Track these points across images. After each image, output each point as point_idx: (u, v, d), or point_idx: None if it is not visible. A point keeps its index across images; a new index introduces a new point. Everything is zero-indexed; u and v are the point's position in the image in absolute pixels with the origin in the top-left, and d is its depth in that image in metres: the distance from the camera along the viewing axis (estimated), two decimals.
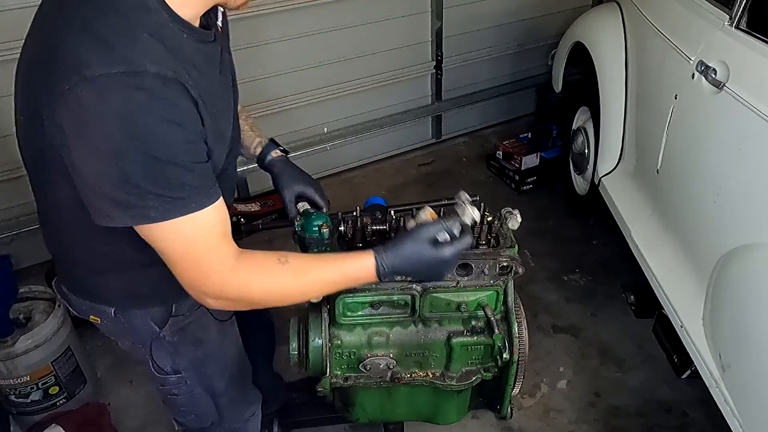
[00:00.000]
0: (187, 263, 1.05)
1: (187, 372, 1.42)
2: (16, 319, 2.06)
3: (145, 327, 1.33)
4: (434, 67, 3.66)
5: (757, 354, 1.57)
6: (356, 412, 1.77)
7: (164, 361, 1.39)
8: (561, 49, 3.26)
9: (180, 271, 1.06)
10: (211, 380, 1.49)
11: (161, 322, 1.33)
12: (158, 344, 1.36)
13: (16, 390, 2.03)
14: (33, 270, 2.52)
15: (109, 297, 1.30)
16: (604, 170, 2.65)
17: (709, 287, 1.80)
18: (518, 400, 2.20)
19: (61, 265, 1.34)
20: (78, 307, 1.37)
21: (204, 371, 1.46)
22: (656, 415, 2.18)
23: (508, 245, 1.53)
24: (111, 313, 1.31)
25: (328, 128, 3.47)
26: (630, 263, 2.33)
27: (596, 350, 2.44)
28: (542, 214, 3.23)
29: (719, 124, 1.80)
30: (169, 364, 1.39)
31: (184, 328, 1.37)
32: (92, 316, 1.35)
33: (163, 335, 1.34)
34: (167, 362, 1.39)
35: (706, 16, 1.97)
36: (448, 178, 3.63)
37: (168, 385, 1.43)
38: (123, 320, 1.32)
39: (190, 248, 1.04)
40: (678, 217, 2.07)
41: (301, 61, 3.19)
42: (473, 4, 3.57)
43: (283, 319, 1.72)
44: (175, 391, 1.44)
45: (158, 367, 1.39)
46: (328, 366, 1.56)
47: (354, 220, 1.52)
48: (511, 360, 1.56)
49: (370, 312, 1.55)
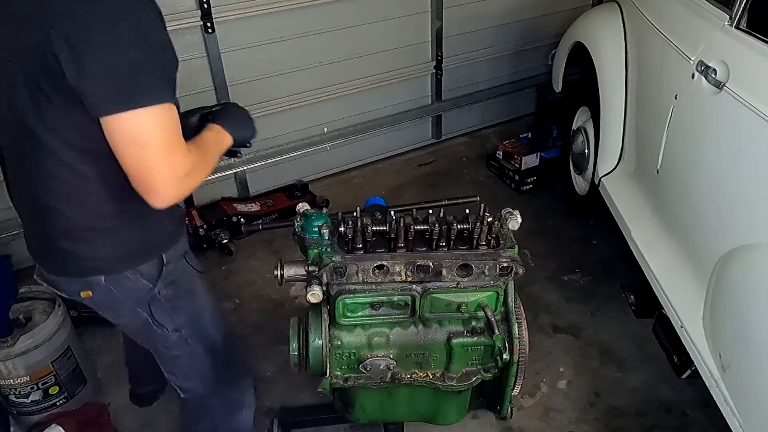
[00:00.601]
0: (165, 149, 1.17)
1: (187, 329, 1.51)
2: (16, 319, 2.06)
3: (139, 287, 1.39)
4: (434, 67, 3.66)
5: (757, 354, 1.57)
6: (356, 413, 1.77)
7: (164, 319, 1.46)
8: (561, 49, 3.26)
9: (158, 162, 1.17)
10: (209, 335, 1.58)
11: (153, 278, 1.40)
12: (156, 303, 1.43)
13: (16, 390, 2.03)
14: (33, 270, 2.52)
15: (99, 265, 1.36)
16: (604, 170, 2.65)
17: (709, 287, 1.80)
18: (518, 400, 2.20)
19: (46, 248, 1.38)
20: (67, 288, 1.42)
21: (201, 325, 1.55)
22: (656, 415, 2.18)
23: (508, 246, 1.53)
24: (102, 282, 1.36)
25: (328, 128, 3.47)
26: (630, 263, 2.33)
27: (596, 350, 2.44)
28: (542, 214, 3.23)
29: (719, 124, 1.80)
30: (169, 321, 1.47)
31: (175, 281, 1.44)
32: (83, 292, 1.39)
33: (158, 290, 1.41)
34: (167, 320, 1.47)
35: (706, 16, 1.97)
36: (448, 178, 3.62)
37: (171, 347, 1.52)
38: (114, 288, 1.38)
39: (168, 134, 1.18)
40: (678, 217, 2.07)
41: (301, 61, 3.18)
42: (473, 4, 3.57)
43: (284, 319, 1.72)
44: (177, 352, 1.54)
45: (160, 325, 1.46)
46: (328, 366, 1.57)
47: (354, 220, 1.52)
48: (511, 360, 1.56)
49: (371, 313, 1.55)
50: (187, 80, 2.87)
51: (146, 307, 1.43)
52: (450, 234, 1.53)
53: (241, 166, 3.24)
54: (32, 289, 2.17)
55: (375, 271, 1.49)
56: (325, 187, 3.50)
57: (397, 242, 1.52)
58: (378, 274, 1.50)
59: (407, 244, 1.54)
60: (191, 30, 2.82)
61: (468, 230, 1.55)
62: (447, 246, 1.54)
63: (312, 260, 1.53)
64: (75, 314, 2.35)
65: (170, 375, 1.63)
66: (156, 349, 1.57)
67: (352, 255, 1.51)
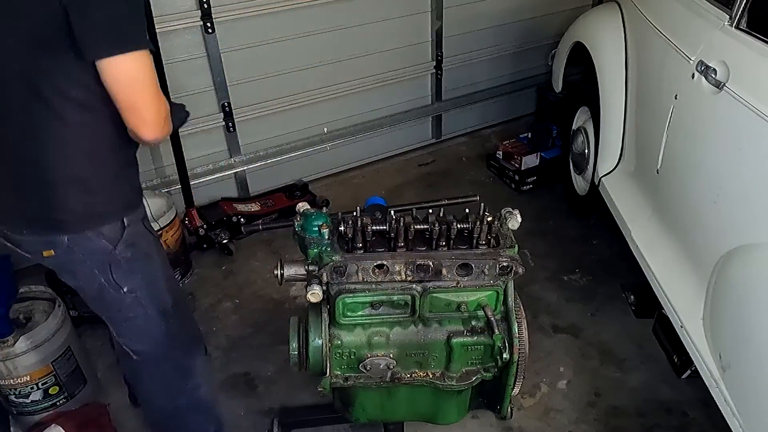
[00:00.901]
0: (154, 88, 1.35)
1: (141, 291, 1.58)
2: (16, 319, 2.06)
3: (100, 248, 1.48)
4: (434, 67, 3.66)
5: (757, 354, 1.57)
6: (356, 412, 1.77)
7: (122, 279, 1.54)
8: (561, 49, 3.26)
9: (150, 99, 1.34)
10: (162, 299, 1.65)
11: (114, 240, 1.49)
12: (116, 265, 1.52)
13: (16, 390, 2.03)
14: (33, 270, 2.52)
15: (65, 220, 1.44)
16: (604, 170, 2.66)
17: (709, 287, 1.80)
18: (518, 400, 2.20)
19: (15, 202, 1.45)
20: (30, 248, 1.49)
21: (155, 288, 1.63)
22: (656, 415, 2.18)
23: (508, 245, 1.53)
24: (65, 241, 1.44)
25: (328, 128, 3.47)
26: (630, 263, 2.33)
27: (596, 350, 2.44)
28: (542, 214, 3.23)
29: (719, 124, 1.80)
30: (125, 282, 1.55)
31: (134, 244, 1.53)
32: (45, 251, 1.47)
33: (118, 252, 1.50)
34: (124, 281, 1.55)
35: (706, 16, 1.97)
36: (448, 178, 3.62)
37: (125, 310, 1.59)
38: (76, 248, 1.47)
39: (154, 76, 1.35)
40: (678, 217, 2.07)
41: (301, 61, 3.19)
42: (473, 4, 3.58)
43: (284, 319, 1.72)
44: (131, 314, 1.61)
45: (117, 285, 1.54)
46: (328, 366, 1.57)
47: (354, 219, 1.52)
48: (511, 360, 1.56)
49: (370, 312, 1.55)
50: (187, 80, 2.88)
51: (105, 268, 1.51)
52: (450, 233, 1.53)
53: (241, 166, 3.25)
54: (32, 289, 2.17)
55: (375, 270, 1.50)
56: (325, 187, 3.50)
57: (397, 242, 1.52)
58: (378, 273, 1.50)
59: (407, 244, 1.54)
60: (191, 30, 2.82)
61: (468, 230, 1.55)
62: (447, 245, 1.54)
63: (312, 260, 1.53)
64: (75, 314, 2.35)
65: (124, 338, 1.68)
66: (110, 313, 1.63)
67: (352, 254, 1.51)
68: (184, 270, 2.84)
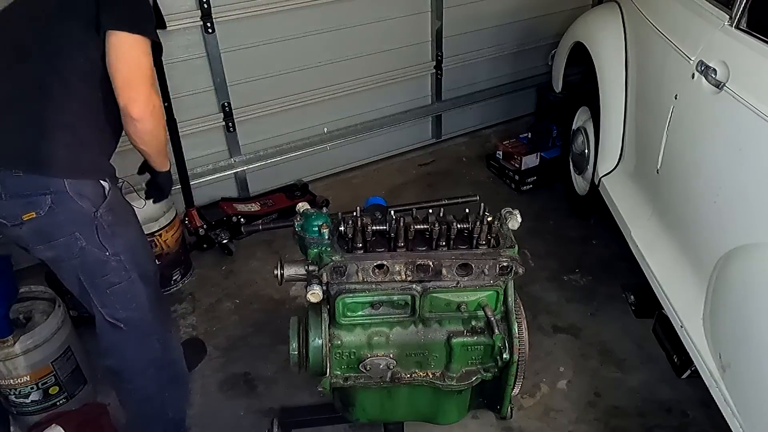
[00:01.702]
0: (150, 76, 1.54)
1: (125, 255, 1.65)
2: (16, 319, 2.06)
3: (82, 209, 1.54)
4: (434, 67, 3.66)
5: (757, 354, 1.57)
6: (356, 412, 1.77)
7: (107, 241, 1.60)
8: (561, 49, 3.26)
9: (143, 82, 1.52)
10: (144, 265, 1.72)
11: (97, 203, 1.57)
12: (100, 227, 1.58)
13: (16, 390, 2.03)
14: (33, 270, 2.52)
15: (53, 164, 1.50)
16: (604, 170, 2.65)
17: (709, 287, 1.80)
18: (518, 400, 2.20)
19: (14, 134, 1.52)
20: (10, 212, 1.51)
21: (137, 254, 1.70)
22: (656, 415, 2.18)
23: (508, 245, 1.53)
24: (48, 202, 1.50)
25: (328, 128, 3.47)
26: (630, 263, 2.33)
27: (596, 350, 2.44)
28: (542, 214, 3.23)
29: (719, 124, 1.80)
30: (110, 245, 1.61)
31: (114, 209, 1.62)
32: (26, 214, 1.50)
33: (100, 214, 1.57)
34: (109, 243, 1.60)
35: (706, 16, 1.97)
36: (448, 178, 3.62)
37: (110, 273, 1.64)
38: (59, 209, 1.52)
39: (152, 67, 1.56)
40: (678, 217, 2.07)
41: (301, 61, 3.19)
42: (473, 4, 3.58)
43: (284, 319, 1.72)
44: (116, 280, 1.65)
45: (103, 246, 1.59)
46: (328, 366, 1.56)
47: (354, 219, 1.52)
48: (511, 360, 1.56)
49: (370, 312, 1.55)
50: (187, 80, 2.88)
51: (89, 231, 1.56)
52: (450, 233, 1.53)
53: (241, 166, 3.25)
54: (32, 289, 2.17)
55: (375, 270, 1.50)
56: (325, 187, 3.50)
57: (397, 242, 1.52)
58: (378, 273, 1.50)
59: (407, 244, 1.54)
60: (191, 30, 2.82)
61: (468, 230, 1.55)
62: (447, 245, 1.54)
63: (312, 260, 1.53)
64: (75, 314, 2.36)
65: (109, 308, 1.69)
66: (94, 280, 1.64)
67: (352, 254, 1.51)
68: (184, 270, 2.84)
